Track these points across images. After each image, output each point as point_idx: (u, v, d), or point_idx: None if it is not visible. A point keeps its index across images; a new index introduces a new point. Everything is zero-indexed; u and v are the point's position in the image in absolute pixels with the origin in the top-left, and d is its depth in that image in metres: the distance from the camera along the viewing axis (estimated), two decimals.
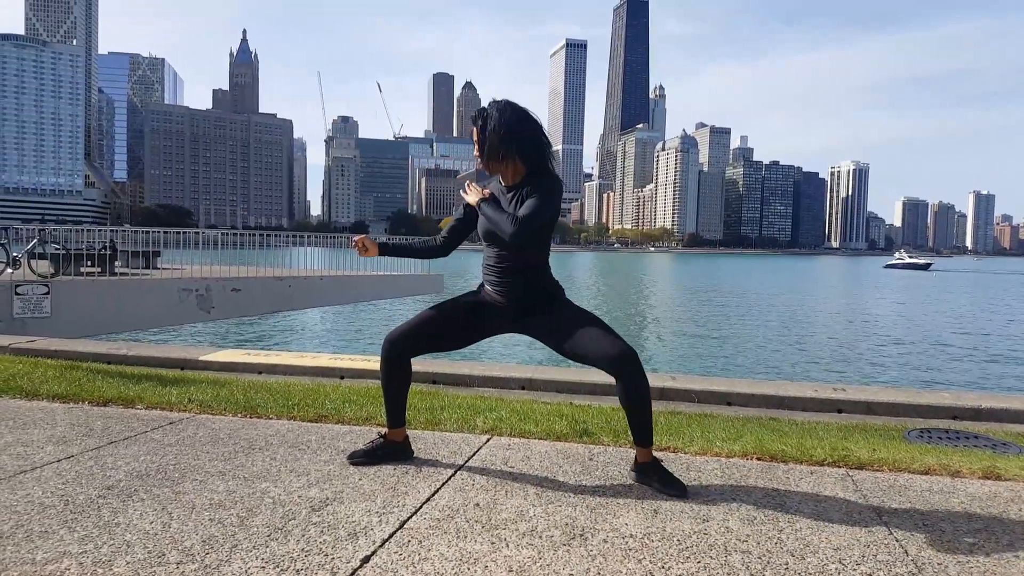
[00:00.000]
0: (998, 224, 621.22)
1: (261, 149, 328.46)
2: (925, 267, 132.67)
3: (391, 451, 3.22)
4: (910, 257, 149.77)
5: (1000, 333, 32.45)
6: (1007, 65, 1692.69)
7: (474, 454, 3.38)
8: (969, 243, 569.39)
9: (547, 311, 3.05)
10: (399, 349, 3.07)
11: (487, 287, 3.13)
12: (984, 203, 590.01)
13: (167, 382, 5.25)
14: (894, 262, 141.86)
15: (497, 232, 2.92)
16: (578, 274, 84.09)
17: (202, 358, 8.79)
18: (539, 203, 2.87)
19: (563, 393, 7.48)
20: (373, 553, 2.25)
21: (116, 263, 15.57)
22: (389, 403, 3.18)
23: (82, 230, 18.24)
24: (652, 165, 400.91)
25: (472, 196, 3.08)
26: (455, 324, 3.11)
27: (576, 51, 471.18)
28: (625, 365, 2.84)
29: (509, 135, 2.95)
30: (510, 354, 19.43)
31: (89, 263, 14.53)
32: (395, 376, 3.12)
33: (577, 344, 2.93)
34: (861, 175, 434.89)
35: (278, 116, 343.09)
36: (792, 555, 2.32)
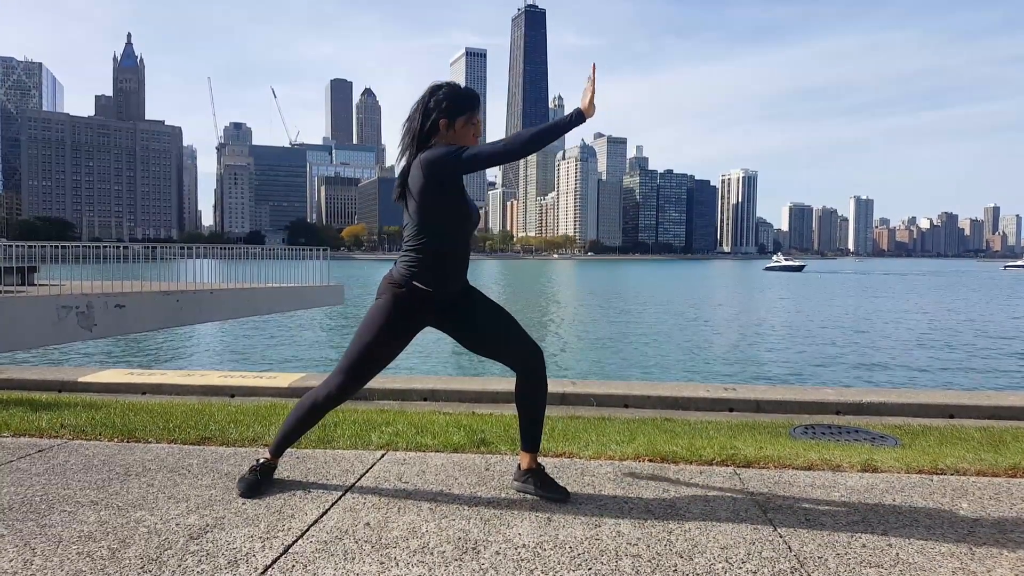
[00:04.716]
0: (877, 227, 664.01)
1: (148, 157, 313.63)
2: (799, 268, 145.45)
3: (271, 472, 3.08)
4: (786, 260, 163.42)
5: (877, 329, 34.54)
6: (881, 78, 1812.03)
7: (367, 471, 3.29)
8: (851, 245, 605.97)
9: (463, 302, 2.96)
10: (347, 396, 2.95)
11: (421, 280, 2.84)
12: (864, 207, 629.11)
13: (40, 406, 4.92)
14: (772, 265, 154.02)
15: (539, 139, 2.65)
16: (485, 282, 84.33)
17: (82, 379, 8.30)
18: None
19: (466, 403, 7.46)
20: None
21: None
22: (294, 436, 3.05)
23: None
24: (554, 173, 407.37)
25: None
26: (394, 349, 2.93)
27: (476, 60, 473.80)
28: (537, 364, 2.89)
29: None
30: (413, 366, 19.23)
31: None
32: (316, 421, 3.03)
33: (489, 338, 2.92)
34: (750, 182, 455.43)
35: (166, 123, 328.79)
36: (681, 556, 2.35)
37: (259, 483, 2.97)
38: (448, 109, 2.87)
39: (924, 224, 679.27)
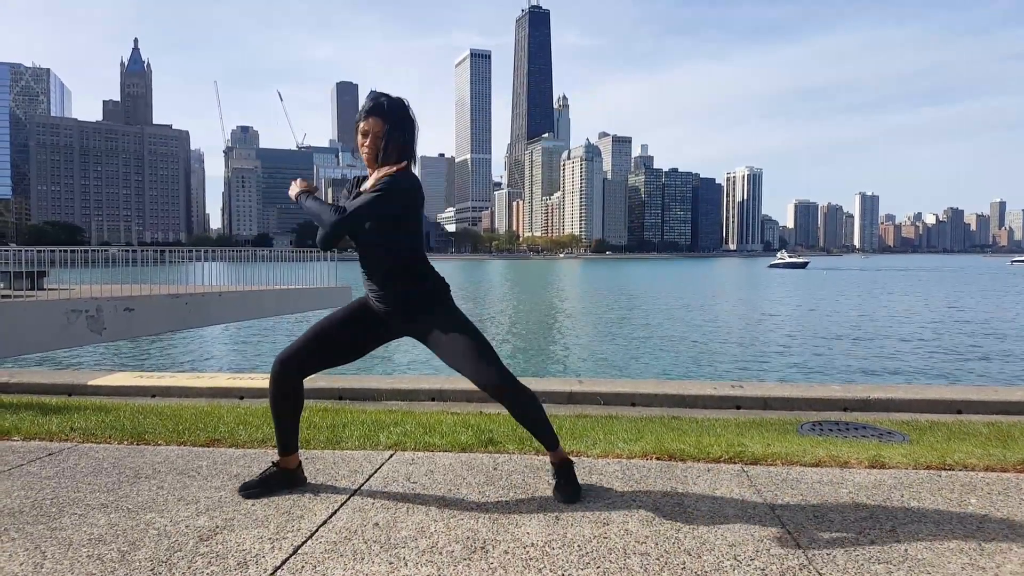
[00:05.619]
0: (882, 223, 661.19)
1: (156, 161, 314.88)
2: (803, 265, 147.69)
3: (284, 479, 3.04)
4: (790, 257, 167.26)
5: (883, 325, 34.38)
6: (881, 77, 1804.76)
7: (376, 471, 3.30)
8: (857, 242, 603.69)
9: (430, 316, 2.93)
10: (291, 368, 2.92)
11: (368, 293, 3.02)
12: (869, 204, 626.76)
13: (49, 410, 4.95)
14: (776, 262, 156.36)
15: (318, 224, 2.83)
16: (490, 281, 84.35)
17: (91, 383, 8.34)
18: (373, 196, 2.77)
19: (474, 402, 7.46)
20: None
21: None
22: (280, 427, 3.00)
23: None
24: (559, 173, 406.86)
25: (294, 189, 3.06)
26: (346, 336, 2.99)
27: (481, 61, 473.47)
28: (502, 396, 2.86)
29: (414, 132, 2.91)
30: (420, 369, 19.23)
31: None
32: (286, 398, 2.96)
33: (456, 363, 2.90)
34: (755, 180, 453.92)
35: (173, 127, 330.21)
36: (689, 554, 2.35)
37: (255, 484, 2.97)
38: None
39: (930, 220, 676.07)
